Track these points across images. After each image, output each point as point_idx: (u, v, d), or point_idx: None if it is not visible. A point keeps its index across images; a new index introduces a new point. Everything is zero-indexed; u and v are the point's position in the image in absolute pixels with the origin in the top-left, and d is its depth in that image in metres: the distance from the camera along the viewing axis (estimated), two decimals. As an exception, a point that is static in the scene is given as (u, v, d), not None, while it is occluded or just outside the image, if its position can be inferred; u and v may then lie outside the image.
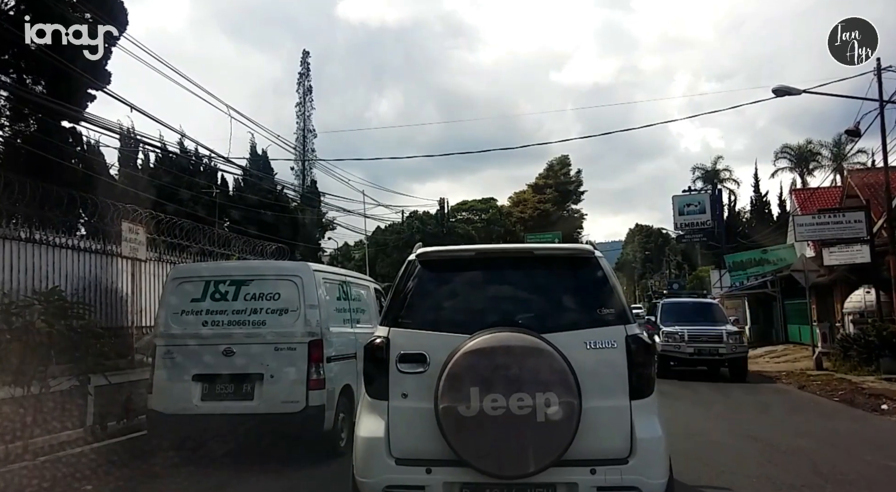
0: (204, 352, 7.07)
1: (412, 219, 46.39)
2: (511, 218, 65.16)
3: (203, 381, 7.02)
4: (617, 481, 3.68)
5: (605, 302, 4.07)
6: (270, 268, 8.25)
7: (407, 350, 3.92)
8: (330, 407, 7.14)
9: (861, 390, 12.61)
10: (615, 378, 3.82)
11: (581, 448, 3.64)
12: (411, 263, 4.26)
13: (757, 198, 56.91)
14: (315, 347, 7.04)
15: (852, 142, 55.57)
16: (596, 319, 3.98)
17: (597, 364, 3.82)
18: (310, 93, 56.83)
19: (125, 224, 12.14)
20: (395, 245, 43.91)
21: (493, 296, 4.25)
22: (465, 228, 54.80)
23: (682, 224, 45.55)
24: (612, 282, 4.18)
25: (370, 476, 3.86)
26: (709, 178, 58.16)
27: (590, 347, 3.85)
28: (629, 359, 3.84)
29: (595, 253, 4.22)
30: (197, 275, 7.59)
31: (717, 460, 7.21)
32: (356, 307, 8.53)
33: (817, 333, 20.45)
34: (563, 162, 70.02)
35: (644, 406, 3.85)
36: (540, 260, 4.40)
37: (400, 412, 3.87)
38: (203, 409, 6.93)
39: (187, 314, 7.21)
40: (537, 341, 3.69)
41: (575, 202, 71.17)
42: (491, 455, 3.62)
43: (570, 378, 3.61)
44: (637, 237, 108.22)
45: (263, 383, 6.93)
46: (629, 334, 3.90)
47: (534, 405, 3.54)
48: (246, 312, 7.13)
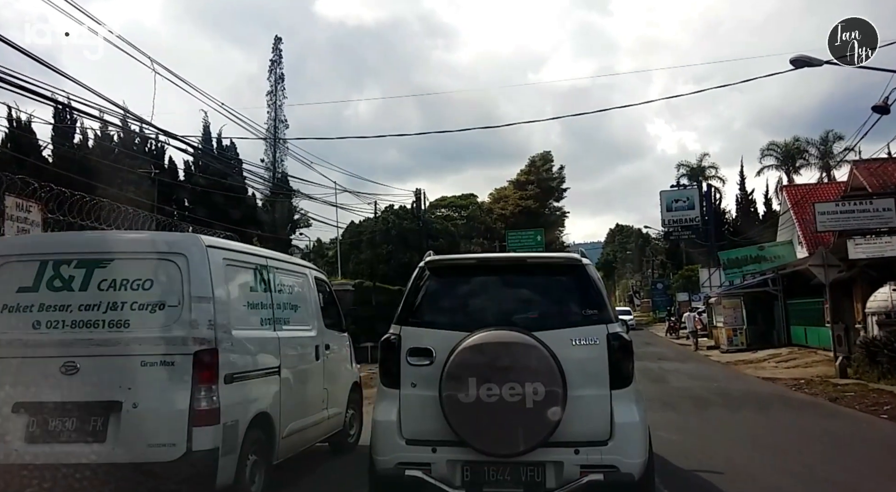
0: (32, 368, 4.65)
1: (388, 213, 43.81)
2: (492, 215, 62.96)
3: (29, 413, 4.60)
4: (598, 461, 4.15)
5: (590, 304, 4.51)
6: (140, 242, 5.56)
7: (415, 345, 4.42)
8: (229, 450, 4.77)
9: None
10: (597, 370, 4.28)
11: (566, 431, 4.12)
12: (421, 269, 4.73)
13: (743, 196, 55.40)
14: (205, 360, 4.67)
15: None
16: (581, 318, 4.45)
17: (581, 358, 4.28)
18: (282, 81, 53.89)
19: (11, 199, 9.75)
20: (369, 241, 41.35)
21: (491, 298, 4.71)
22: (443, 224, 52.50)
23: (670, 220, 43.74)
24: (596, 286, 4.62)
25: (385, 454, 4.38)
26: (694, 175, 56.54)
27: (575, 344, 4.32)
28: (609, 354, 4.30)
29: (583, 261, 4.72)
30: (27, 252, 5.14)
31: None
32: (284, 303, 6.17)
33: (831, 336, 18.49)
34: (546, 158, 67.98)
35: (623, 395, 4.30)
36: (533, 267, 4.92)
37: (409, 399, 4.38)
38: (28, 456, 4.52)
39: (10, 311, 4.79)
40: (528, 338, 4.19)
41: (557, 200, 69.14)
42: (486, 436, 4.13)
43: (555, 370, 4.10)
44: (618, 237, 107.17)
45: (122, 415, 4.54)
46: (610, 332, 4.35)
47: (523, 393, 4.04)
48: (99, 308, 4.72)
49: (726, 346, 25.91)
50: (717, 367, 20.94)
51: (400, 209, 43.29)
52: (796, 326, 23.86)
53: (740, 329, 25.39)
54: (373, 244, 42.39)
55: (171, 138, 16.53)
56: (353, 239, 44.33)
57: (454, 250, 44.40)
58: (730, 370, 19.69)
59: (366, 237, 41.03)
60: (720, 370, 19.74)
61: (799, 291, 22.96)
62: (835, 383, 14.09)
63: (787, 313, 24.54)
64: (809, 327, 22.35)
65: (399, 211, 43.24)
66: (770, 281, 24.60)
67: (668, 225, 45.25)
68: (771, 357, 22.00)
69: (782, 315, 24.65)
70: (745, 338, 25.55)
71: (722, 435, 8.88)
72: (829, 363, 18.49)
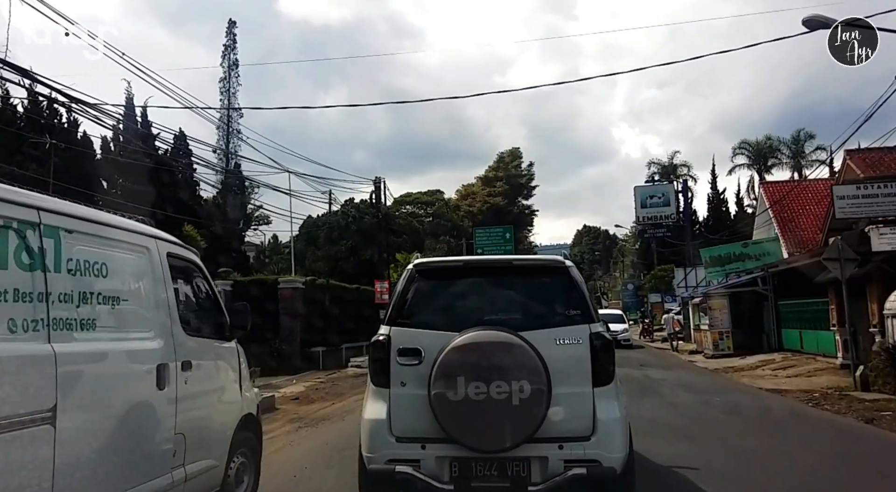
0: None
1: (348, 207, 40.94)
2: (459, 212, 60.52)
3: None
4: (580, 455, 4.26)
5: (574, 305, 4.64)
6: None
7: (405, 345, 4.50)
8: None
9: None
10: (580, 369, 4.39)
11: (550, 427, 4.23)
12: (409, 271, 4.86)
13: (714, 195, 54.07)
14: None
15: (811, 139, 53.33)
16: (565, 319, 4.58)
17: (565, 357, 4.40)
18: (236, 67, 50.82)
19: None
20: (327, 236, 38.42)
21: (478, 299, 4.85)
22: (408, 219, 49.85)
23: (645, 217, 41.78)
24: (580, 287, 4.74)
25: (375, 451, 4.45)
26: (666, 173, 55.00)
27: (559, 343, 4.44)
28: (592, 353, 4.42)
29: (566, 263, 4.86)
30: None
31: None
32: (80, 292, 3.49)
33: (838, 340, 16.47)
34: (515, 154, 65.90)
35: (605, 392, 4.44)
36: (518, 269, 5.06)
37: (399, 398, 4.46)
38: None
39: None
40: (513, 338, 4.27)
41: (526, 198, 67.04)
42: (474, 433, 4.22)
43: (540, 368, 4.18)
44: (585, 239, 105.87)
45: None
46: (592, 332, 4.48)
47: (510, 391, 4.13)
48: None
49: (711, 351, 23.84)
50: (707, 375, 18.72)
51: (361, 203, 40.40)
52: (789, 329, 21.82)
53: (727, 333, 23.31)
54: (331, 240, 39.49)
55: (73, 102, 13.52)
56: (309, 232, 41.30)
57: (418, 248, 41.79)
58: (723, 379, 17.48)
59: (323, 232, 38.07)
60: (713, 379, 17.51)
61: (792, 290, 20.99)
62: (858, 399, 11.90)
63: (777, 315, 22.51)
64: (805, 331, 20.33)
65: (360, 204, 40.36)
66: (760, 280, 22.57)
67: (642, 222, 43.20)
68: (763, 364, 19.90)
69: (773, 317, 22.59)
70: (730, 342, 23.51)
71: (772, 480, 6.45)
72: (835, 372, 16.43)
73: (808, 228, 31.60)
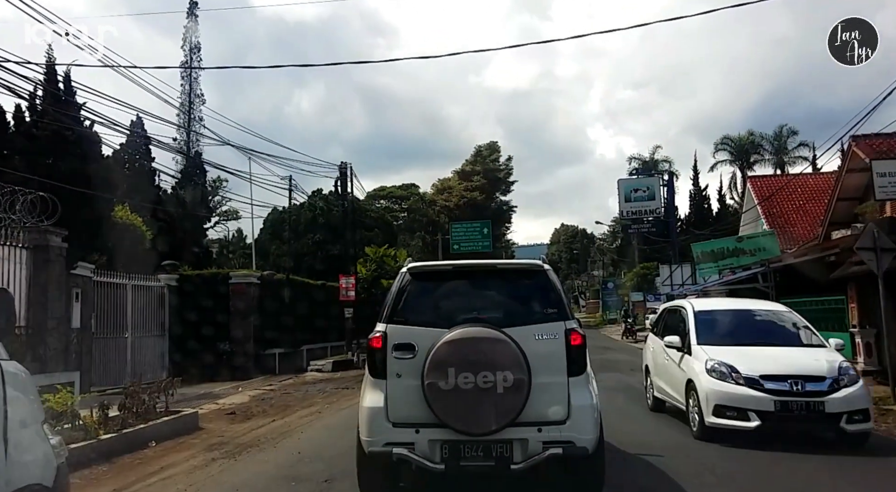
0: None
1: (315, 199, 38.39)
2: (435, 207, 58.24)
3: None
4: (557, 437, 4.80)
5: (551, 304, 5.18)
6: None
7: (400, 341, 5.02)
8: None
9: None
10: (557, 361, 4.94)
11: (530, 413, 4.77)
12: (403, 274, 5.37)
13: (696, 191, 52.60)
14: None
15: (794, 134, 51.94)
16: (543, 316, 5.12)
17: (543, 350, 4.94)
18: (198, 51, 47.97)
19: None
20: (293, 230, 35.85)
21: (465, 299, 5.39)
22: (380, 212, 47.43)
23: (629, 211, 39.86)
24: (556, 288, 5.30)
25: (374, 436, 4.97)
26: (647, 168, 53.32)
27: (538, 338, 4.97)
28: (567, 347, 4.97)
29: (544, 266, 5.39)
30: None
31: None
32: None
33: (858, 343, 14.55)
34: (493, 147, 63.84)
35: (578, 382, 4.99)
36: (501, 272, 5.69)
37: (395, 388, 4.98)
38: None
39: None
40: (498, 334, 4.81)
41: (504, 193, 64.99)
42: (463, 418, 4.74)
43: (521, 361, 4.71)
44: (563, 237, 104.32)
45: None
46: (567, 328, 5.02)
47: (495, 381, 4.66)
48: None
49: (707, 353, 21.88)
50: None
51: (329, 194, 37.85)
52: (793, 330, 19.95)
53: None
54: (297, 234, 36.93)
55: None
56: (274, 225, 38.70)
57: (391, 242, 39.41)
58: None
59: (288, 225, 35.51)
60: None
61: (796, 287, 19.13)
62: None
63: (779, 315, 20.60)
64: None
65: (328, 196, 37.82)
66: (760, 276, 20.67)
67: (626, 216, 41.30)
68: (768, 368, 17.97)
69: (774, 317, 20.67)
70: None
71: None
72: (855, 378, 14.62)
73: (798, 224, 30.09)
